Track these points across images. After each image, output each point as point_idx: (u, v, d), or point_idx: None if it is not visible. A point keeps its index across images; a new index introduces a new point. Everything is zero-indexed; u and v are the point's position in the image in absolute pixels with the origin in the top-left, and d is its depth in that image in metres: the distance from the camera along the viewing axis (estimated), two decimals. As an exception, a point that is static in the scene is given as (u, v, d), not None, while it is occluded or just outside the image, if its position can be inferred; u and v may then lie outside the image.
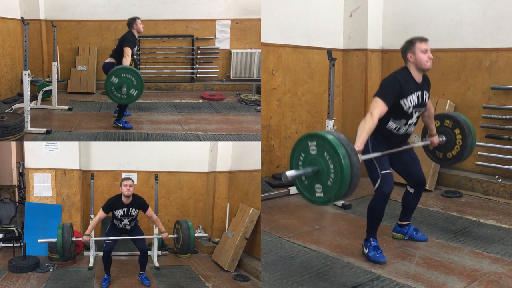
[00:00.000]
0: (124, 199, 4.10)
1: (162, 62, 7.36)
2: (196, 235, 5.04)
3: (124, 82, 4.47)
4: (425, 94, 3.39)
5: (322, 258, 3.48)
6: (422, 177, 3.62)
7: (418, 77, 3.34)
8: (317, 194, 2.72)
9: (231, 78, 7.38)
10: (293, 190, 5.26)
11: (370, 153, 3.26)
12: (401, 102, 3.25)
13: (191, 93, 7.16)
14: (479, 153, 5.21)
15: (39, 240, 4.16)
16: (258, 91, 6.21)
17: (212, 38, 7.35)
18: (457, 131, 3.71)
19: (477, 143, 5.22)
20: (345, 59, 6.27)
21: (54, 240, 4.02)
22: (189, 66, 7.41)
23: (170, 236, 4.38)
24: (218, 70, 7.42)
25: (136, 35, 5.14)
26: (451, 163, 3.87)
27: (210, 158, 6.01)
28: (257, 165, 5.04)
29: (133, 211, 4.16)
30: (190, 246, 4.37)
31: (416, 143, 3.83)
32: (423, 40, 3.34)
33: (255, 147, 5.04)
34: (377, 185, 3.32)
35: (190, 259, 5.20)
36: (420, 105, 3.36)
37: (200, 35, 7.32)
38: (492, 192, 5.01)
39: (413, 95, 3.29)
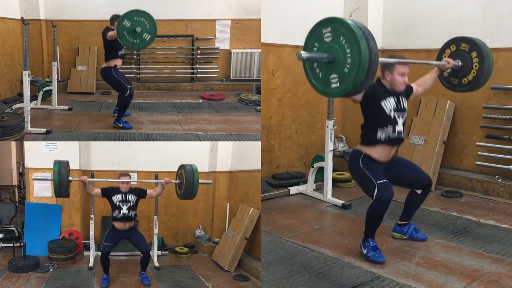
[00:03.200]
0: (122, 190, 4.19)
1: (162, 62, 7.36)
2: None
3: (137, 25, 4.46)
4: (402, 99, 3.44)
5: (322, 258, 3.48)
6: (428, 178, 3.66)
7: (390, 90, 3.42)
8: (333, 85, 2.62)
9: (231, 78, 7.39)
10: (293, 190, 5.27)
11: (364, 170, 3.36)
12: (382, 104, 3.32)
13: (191, 93, 7.16)
14: (479, 153, 5.21)
15: (33, 177, 3.97)
16: (258, 91, 6.21)
17: (212, 38, 7.36)
18: (474, 54, 3.61)
19: (477, 143, 5.25)
20: (345, 59, 6.26)
21: (50, 178, 3.91)
22: (189, 66, 7.42)
23: (172, 181, 4.24)
24: (218, 70, 7.42)
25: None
26: (466, 90, 3.78)
27: (210, 158, 6.01)
28: (257, 165, 5.04)
29: (131, 197, 4.17)
30: (194, 190, 4.14)
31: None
32: (404, 63, 3.36)
33: (255, 147, 5.04)
34: (375, 193, 3.29)
35: (190, 259, 5.21)
36: (400, 109, 3.41)
37: (200, 35, 7.32)
38: (492, 192, 5.01)
39: (390, 98, 3.36)
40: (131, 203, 4.17)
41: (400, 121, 3.40)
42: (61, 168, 3.83)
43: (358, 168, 3.42)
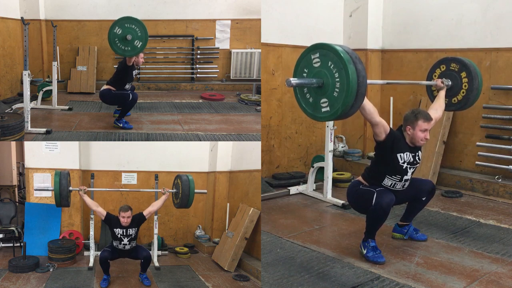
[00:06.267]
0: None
1: (162, 62, 7.35)
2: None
3: (128, 33, 4.47)
4: (418, 154, 3.45)
5: (322, 258, 3.48)
6: (431, 184, 3.69)
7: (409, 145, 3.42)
8: (323, 110, 2.66)
9: (231, 78, 7.38)
10: (293, 190, 5.27)
11: (363, 188, 3.43)
12: (398, 155, 3.33)
13: (191, 93, 7.15)
14: (479, 153, 5.22)
15: (35, 187, 4.01)
16: (258, 91, 6.21)
17: (212, 38, 7.35)
18: (463, 74, 3.66)
19: (477, 143, 5.25)
20: (345, 59, 6.26)
21: (51, 188, 3.94)
22: (189, 66, 7.41)
23: (169, 190, 4.33)
24: (218, 70, 7.42)
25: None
26: (456, 109, 3.84)
27: (210, 158, 6.01)
28: (257, 165, 5.04)
29: (132, 230, 4.16)
30: (189, 200, 4.23)
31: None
32: (427, 119, 3.35)
33: (255, 147, 5.04)
34: (374, 199, 3.30)
35: (190, 259, 5.21)
36: (415, 163, 3.43)
37: (200, 35, 7.32)
38: (492, 192, 5.01)
39: (408, 153, 3.37)
40: (133, 236, 4.18)
41: (410, 171, 3.42)
42: (62, 180, 3.87)
43: (358, 190, 3.46)
